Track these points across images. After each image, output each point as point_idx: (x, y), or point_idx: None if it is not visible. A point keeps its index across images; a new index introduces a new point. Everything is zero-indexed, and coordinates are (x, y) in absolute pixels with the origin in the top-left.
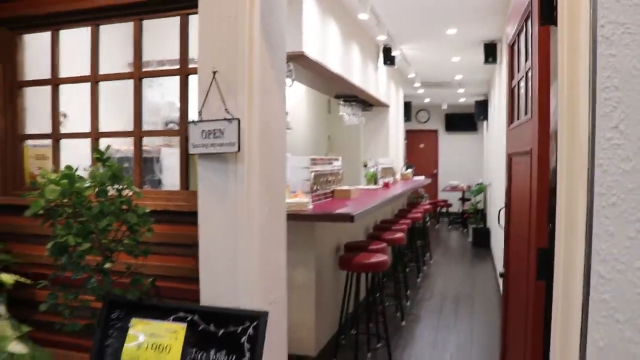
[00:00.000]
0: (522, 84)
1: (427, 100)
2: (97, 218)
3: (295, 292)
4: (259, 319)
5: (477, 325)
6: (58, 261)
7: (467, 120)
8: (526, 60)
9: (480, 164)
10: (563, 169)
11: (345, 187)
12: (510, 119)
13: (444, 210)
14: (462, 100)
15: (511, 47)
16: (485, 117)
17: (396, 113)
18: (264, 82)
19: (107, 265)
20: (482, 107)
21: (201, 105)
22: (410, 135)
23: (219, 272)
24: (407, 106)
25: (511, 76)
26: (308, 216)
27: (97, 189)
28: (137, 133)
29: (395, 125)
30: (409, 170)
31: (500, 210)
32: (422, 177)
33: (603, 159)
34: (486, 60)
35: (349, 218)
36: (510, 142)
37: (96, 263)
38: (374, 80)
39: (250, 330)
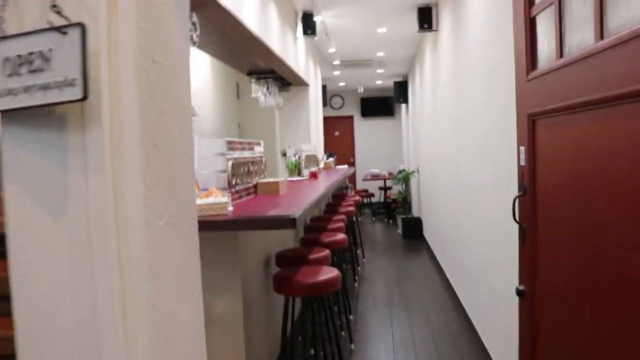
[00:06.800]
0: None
1: (342, 84)
2: None
3: (217, 327)
4: None
5: (435, 330)
6: None
7: (384, 104)
8: None
9: (399, 149)
10: None
11: (271, 180)
12: (531, 64)
13: (365, 200)
14: (379, 82)
15: None
16: (405, 100)
17: (315, 94)
18: None
19: None
20: (401, 88)
21: None
22: (325, 122)
23: (56, 352)
24: (323, 90)
25: (530, 2)
26: (230, 223)
27: None
28: None
29: (316, 108)
30: (331, 159)
31: (515, 199)
32: (345, 166)
33: None
34: (421, 27)
35: (289, 223)
36: (539, 96)
37: None
38: (294, 52)
39: None
